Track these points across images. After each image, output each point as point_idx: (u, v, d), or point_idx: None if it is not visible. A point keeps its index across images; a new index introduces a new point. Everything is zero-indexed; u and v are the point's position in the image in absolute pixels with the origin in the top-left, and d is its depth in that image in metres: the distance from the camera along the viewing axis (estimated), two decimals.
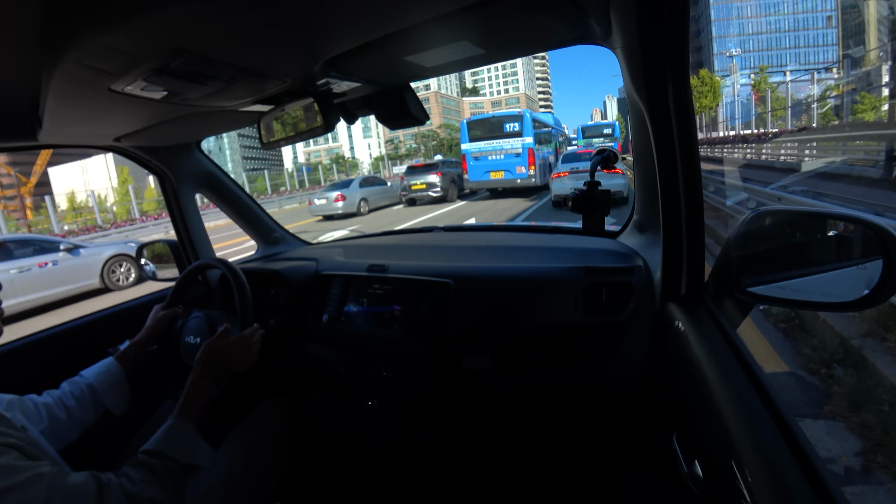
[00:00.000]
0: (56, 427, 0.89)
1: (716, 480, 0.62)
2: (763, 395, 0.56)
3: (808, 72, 47.67)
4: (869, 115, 19.22)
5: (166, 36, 0.57)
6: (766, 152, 15.39)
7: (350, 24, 0.66)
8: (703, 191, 0.75)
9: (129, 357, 1.07)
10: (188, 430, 0.84)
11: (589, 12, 0.71)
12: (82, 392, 0.96)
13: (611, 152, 1.08)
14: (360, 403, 1.29)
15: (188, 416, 0.86)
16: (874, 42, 57.04)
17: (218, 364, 0.96)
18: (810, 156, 11.96)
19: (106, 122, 1.01)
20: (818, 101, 20.80)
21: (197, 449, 0.83)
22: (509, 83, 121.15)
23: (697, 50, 73.35)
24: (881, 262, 0.59)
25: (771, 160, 13.32)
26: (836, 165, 9.44)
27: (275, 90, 0.89)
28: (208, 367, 0.94)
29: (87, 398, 0.96)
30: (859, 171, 8.15)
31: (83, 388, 0.97)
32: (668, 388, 0.92)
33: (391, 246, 1.63)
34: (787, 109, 21.31)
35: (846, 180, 7.95)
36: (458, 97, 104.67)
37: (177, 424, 0.83)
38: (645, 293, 1.01)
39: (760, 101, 25.85)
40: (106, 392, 0.99)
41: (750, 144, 18.42)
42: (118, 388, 1.02)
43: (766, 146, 16.32)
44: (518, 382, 1.20)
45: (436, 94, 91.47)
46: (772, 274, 0.75)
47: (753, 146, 17.62)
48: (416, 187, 13.60)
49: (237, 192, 1.66)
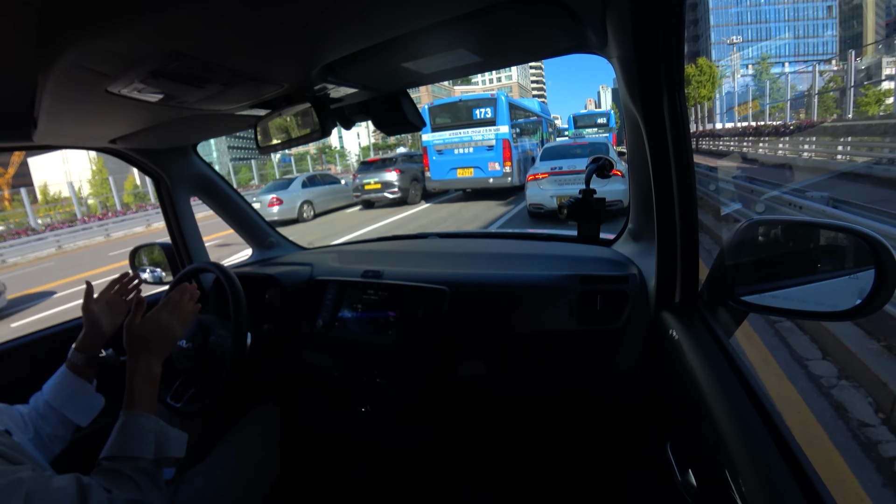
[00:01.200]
0: (39, 437, 0.85)
1: (709, 489, 0.62)
2: (756, 404, 0.57)
3: (810, 63, 47.66)
4: (873, 109, 18.79)
5: (164, 39, 0.57)
6: (784, 148, 14.30)
7: (348, 31, 0.66)
8: (697, 200, 0.76)
9: (78, 364, 0.94)
10: (145, 423, 0.77)
11: (585, 22, 0.71)
12: (44, 407, 0.89)
13: (606, 160, 1.08)
14: (354, 409, 1.28)
15: (141, 407, 0.78)
16: (871, 36, 57.31)
17: (147, 341, 0.86)
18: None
19: (102, 123, 1.00)
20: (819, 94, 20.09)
21: (163, 440, 0.77)
22: (502, 71, 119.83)
23: (695, 39, 73.72)
24: (873, 272, 0.59)
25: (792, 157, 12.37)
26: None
27: (272, 95, 0.89)
28: (138, 349, 0.84)
29: (49, 413, 0.88)
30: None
31: (42, 402, 0.89)
32: (662, 397, 0.92)
33: (386, 252, 1.63)
34: (813, 100, 20.54)
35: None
36: (449, 85, 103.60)
37: (129, 422, 0.76)
38: (639, 301, 1.01)
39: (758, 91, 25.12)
40: (63, 405, 0.90)
41: (763, 137, 17.05)
42: (79, 400, 0.92)
43: (781, 141, 15.26)
44: (512, 389, 1.20)
45: None
46: (765, 283, 0.76)
47: (767, 140, 16.49)
48: (369, 187, 11.38)
49: (232, 196, 1.66)
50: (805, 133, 14.50)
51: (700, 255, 0.80)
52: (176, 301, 0.94)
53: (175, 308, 0.92)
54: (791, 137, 14.83)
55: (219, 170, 1.69)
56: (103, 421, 0.95)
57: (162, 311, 0.90)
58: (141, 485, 0.71)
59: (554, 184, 6.91)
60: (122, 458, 0.72)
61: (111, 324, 0.99)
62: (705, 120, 29.58)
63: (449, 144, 10.86)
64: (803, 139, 13.89)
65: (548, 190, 6.93)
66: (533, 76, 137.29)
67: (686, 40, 0.71)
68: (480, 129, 10.54)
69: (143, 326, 0.87)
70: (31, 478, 0.58)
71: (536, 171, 7.28)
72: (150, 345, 0.86)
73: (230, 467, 1.05)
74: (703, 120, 29.74)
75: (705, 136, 24.21)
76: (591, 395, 1.14)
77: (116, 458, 0.72)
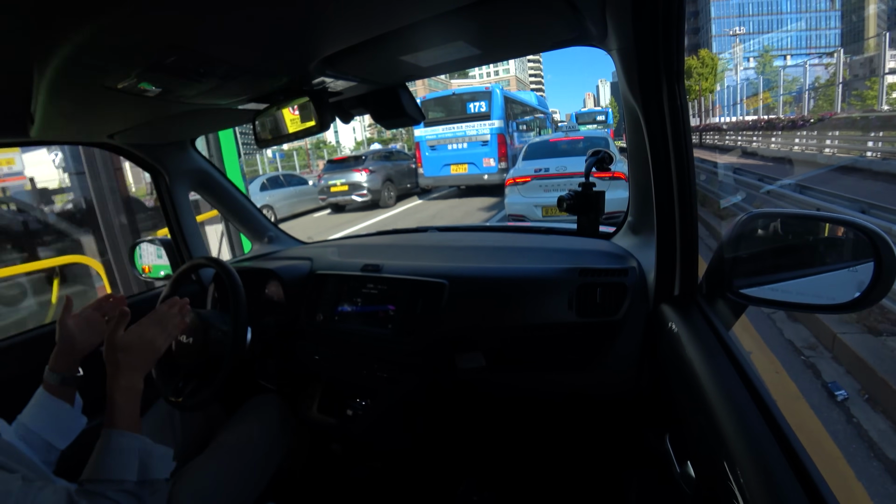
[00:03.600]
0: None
1: (708, 481, 0.62)
2: (755, 396, 0.57)
3: (813, 56, 46.78)
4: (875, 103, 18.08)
5: (161, 32, 0.57)
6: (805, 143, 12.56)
7: (346, 23, 0.66)
8: (696, 192, 0.76)
9: (54, 385, 0.87)
10: (128, 443, 0.73)
11: (585, 14, 0.71)
12: (23, 430, 0.83)
13: (605, 153, 1.07)
14: (355, 403, 1.29)
15: (123, 425, 0.74)
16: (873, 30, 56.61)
17: (128, 354, 0.81)
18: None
19: (99, 118, 1.00)
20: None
21: (148, 460, 0.73)
22: (499, 65, 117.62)
23: (695, 31, 72.93)
24: (872, 265, 0.60)
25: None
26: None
27: (270, 88, 0.89)
28: (119, 362, 0.79)
29: (29, 436, 0.83)
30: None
31: (22, 426, 0.84)
32: (661, 389, 0.92)
33: (386, 246, 1.63)
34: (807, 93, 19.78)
35: None
36: (446, 78, 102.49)
37: (110, 441, 0.72)
38: (638, 294, 1.02)
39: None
40: (43, 428, 0.84)
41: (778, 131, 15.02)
42: (57, 422, 0.86)
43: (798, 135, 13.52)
44: (512, 381, 1.21)
45: None
46: (764, 276, 0.76)
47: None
48: (335, 189, 10.33)
49: (231, 190, 1.66)
50: (825, 126, 12.90)
51: (702, 253, 0.80)
52: (162, 314, 0.89)
53: (160, 321, 0.88)
54: (807, 131, 13.23)
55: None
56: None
57: (147, 323, 0.86)
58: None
59: (538, 189, 5.43)
60: (105, 481, 0.68)
61: (86, 342, 0.92)
62: (709, 113, 28.74)
63: (442, 140, 10.37)
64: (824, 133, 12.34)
65: (530, 198, 5.46)
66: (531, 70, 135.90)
67: (686, 33, 0.70)
68: (475, 123, 10.08)
69: (126, 338, 0.82)
70: (20, 490, 0.57)
71: (517, 174, 5.75)
72: (131, 358, 0.81)
73: (228, 460, 1.05)
74: (706, 113, 29.10)
75: (709, 131, 23.50)
76: (590, 386, 1.15)
77: (99, 482, 0.68)
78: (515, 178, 5.71)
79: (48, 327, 1.28)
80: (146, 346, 0.83)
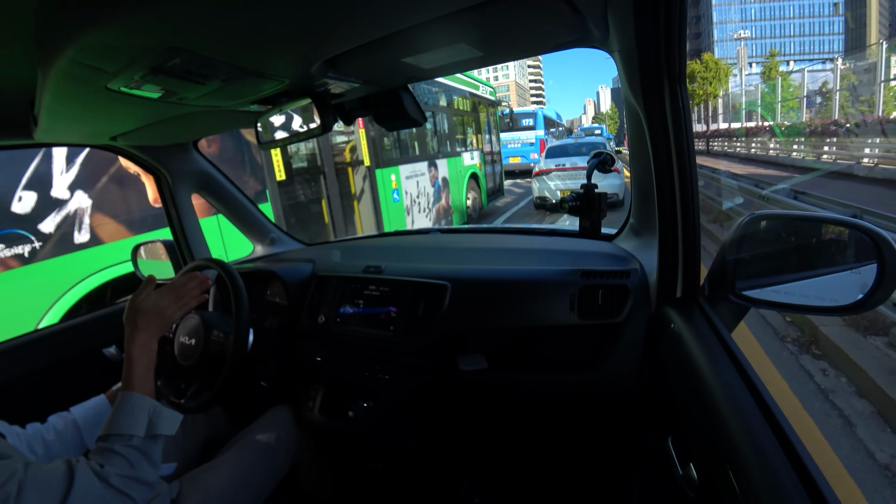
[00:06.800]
0: (48, 457, 0.86)
1: (710, 483, 0.62)
2: (757, 398, 0.57)
3: (820, 61, 46.04)
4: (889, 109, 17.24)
5: (164, 34, 0.57)
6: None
7: (349, 25, 0.66)
8: (698, 194, 0.75)
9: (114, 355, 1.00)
10: (139, 402, 0.79)
11: (587, 15, 0.71)
12: (66, 427, 0.92)
13: (608, 155, 1.08)
14: (357, 405, 1.29)
15: (137, 387, 0.81)
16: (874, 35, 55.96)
17: (144, 316, 0.89)
18: None
19: (102, 120, 1.00)
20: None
21: (156, 419, 0.79)
22: (499, 69, 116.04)
23: (696, 36, 72.62)
24: (875, 267, 0.59)
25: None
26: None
27: (272, 90, 0.89)
28: (137, 322, 0.88)
29: (69, 435, 0.91)
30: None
31: (68, 423, 0.92)
32: (664, 391, 0.92)
33: (387, 247, 1.63)
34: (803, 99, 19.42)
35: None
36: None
37: (123, 401, 0.79)
38: (640, 296, 1.01)
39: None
40: (88, 430, 0.93)
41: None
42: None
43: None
44: (513, 382, 1.20)
45: None
46: (767, 277, 0.76)
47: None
48: None
49: (234, 192, 1.66)
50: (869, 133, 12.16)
51: (704, 262, 0.80)
52: (179, 285, 0.96)
53: (176, 291, 0.95)
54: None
55: None
56: None
57: (164, 292, 0.94)
58: (133, 461, 0.72)
59: (557, 179, 7.79)
60: (114, 437, 0.74)
61: (175, 310, 0.97)
62: (718, 118, 28.19)
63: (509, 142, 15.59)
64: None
65: (553, 184, 7.83)
66: (531, 76, 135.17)
67: (688, 38, 0.70)
68: (525, 132, 16.22)
69: (144, 302, 0.90)
70: (23, 468, 0.60)
71: (541, 167, 8.21)
72: (147, 320, 0.89)
73: (239, 469, 1.06)
74: (710, 119, 28.61)
75: (717, 137, 22.91)
76: (592, 388, 1.15)
77: (109, 437, 0.74)
78: (540, 170, 8.17)
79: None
80: (159, 311, 0.91)
